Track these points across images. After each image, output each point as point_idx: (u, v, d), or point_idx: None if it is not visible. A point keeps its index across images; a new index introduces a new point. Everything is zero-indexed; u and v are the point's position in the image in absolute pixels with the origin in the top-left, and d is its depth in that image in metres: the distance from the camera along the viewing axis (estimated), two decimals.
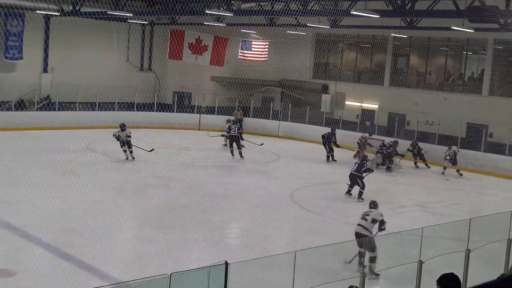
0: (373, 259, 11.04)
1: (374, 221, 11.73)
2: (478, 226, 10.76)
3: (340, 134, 26.43)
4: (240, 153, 23.59)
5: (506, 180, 23.39)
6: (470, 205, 18.46)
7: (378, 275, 10.90)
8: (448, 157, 23.59)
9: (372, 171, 19.00)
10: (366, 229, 11.62)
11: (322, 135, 25.42)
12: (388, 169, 23.74)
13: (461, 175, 23.55)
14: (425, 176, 23.46)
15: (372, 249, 11.05)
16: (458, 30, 23.49)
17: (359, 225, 11.71)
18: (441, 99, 28.58)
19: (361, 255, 10.99)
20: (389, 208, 17.59)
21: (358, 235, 11.53)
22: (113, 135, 21.95)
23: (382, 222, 11.81)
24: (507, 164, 24.21)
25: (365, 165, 18.50)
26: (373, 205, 12.26)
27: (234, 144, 23.74)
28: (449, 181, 22.66)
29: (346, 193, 18.56)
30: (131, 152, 21.94)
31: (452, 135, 26.16)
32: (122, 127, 22.02)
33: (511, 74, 28.54)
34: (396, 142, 24.50)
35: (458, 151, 23.93)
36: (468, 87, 29.46)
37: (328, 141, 25.01)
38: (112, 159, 21.86)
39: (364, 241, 11.10)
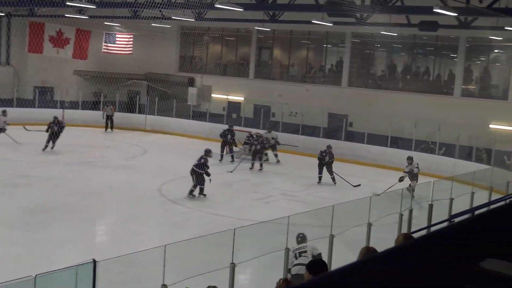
0: None
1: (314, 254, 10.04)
2: (340, 212, 11.26)
3: (209, 126, 26.57)
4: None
5: (365, 167, 24.56)
6: (333, 192, 19.22)
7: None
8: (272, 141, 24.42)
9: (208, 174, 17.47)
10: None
11: (221, 134, 24.62)
12: (261, 159, 22.91)
13: (278, 161, 24.41)
14: (288, 165, 24.11)
15: None
16: (318, 23, 24.33)
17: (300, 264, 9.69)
18: (304, 91, 29.52)
19: None
20: (256, 198, 18.00)
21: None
22: None
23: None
24: (366, 152, 25.43)
25: (204, 160, 17.46)
26: (301, 238, 10.44)
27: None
28: (314, 170, 23.46)
29: (188, 194, 17.26)
30: None
31: (315, 125, 27.13)
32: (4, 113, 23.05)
33: (367, 66, 30.00)
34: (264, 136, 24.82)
35: (277, 136, 24.89)
36: (329, 79, 30.64)
37: (226, 140, 24.21)
38: None
39: None
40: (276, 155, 24.63)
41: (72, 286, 8.11)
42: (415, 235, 6.71)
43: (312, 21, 24.27)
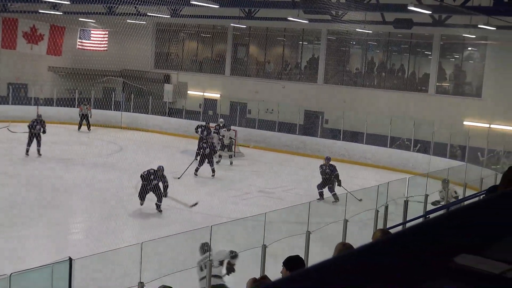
0: None
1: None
2: (317, 208, 11.33)
3: (186, 123, 26.44)
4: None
5: (341, 164, 24.67)
6: (309, 189, 19.30)
7: None
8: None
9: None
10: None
11: (197, 129, 23.73)
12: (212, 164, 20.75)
13: (231, 163, 23.22)
14: (265, 162, 24.16)
15: None
16: (294, 20, 24.39)
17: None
18: (280, 88, 29.57)
19: None
20: (232, 195, 18.01)
21: None
22: None
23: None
24: (341, 148, 25.58)
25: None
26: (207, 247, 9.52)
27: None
28: (291, 167, 23.51)
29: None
30: None
31: (291, 122, 27.21)
32: None
33: (342, 63, 30.15)
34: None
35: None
36: (305, 76, 30.74)
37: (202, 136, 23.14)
38: None
39: None
40: (230, 156, 23.40)
41: (48, 285, 8.06)
42: (391, 231, 6.78)
43: (288, 18, 24.32)
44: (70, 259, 7.79)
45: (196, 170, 20.26)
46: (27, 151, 21.42)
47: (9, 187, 17.05)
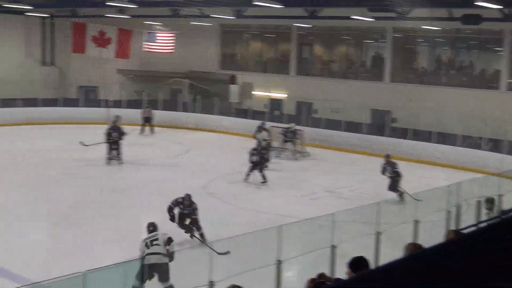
0: None
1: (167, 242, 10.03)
2: (386, 209, 11.17)
3: (251, 124, 26.52)
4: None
5: (410, 163, 24.30)
6: (376, 188, 19.06)
7: None
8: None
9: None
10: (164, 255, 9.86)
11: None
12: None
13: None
14: (332, 161, 24.02)
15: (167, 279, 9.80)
16: (359, 19, 24.14)
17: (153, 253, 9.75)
18: (346, 87, 29.32)
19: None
20: (300, 195, 17.97)
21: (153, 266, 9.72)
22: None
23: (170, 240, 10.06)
24: (409, 148, 25.15)
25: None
26: (153, 227, 10.45)
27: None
28: (358, 167, 23.30)
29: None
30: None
31: (358, 121, 26.94)
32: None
33: (409, 61, 29.65)
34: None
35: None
36: (371, 75, 30.37)
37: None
38: (17, 157, 21.15)
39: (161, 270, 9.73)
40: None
41: (121, 282, 8.24)
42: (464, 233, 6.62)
43: (352, 17, 24.08)
44: (142, 258, 7.93)
45: (247, 175, 19.14)
46: (108, 159, 20.80)
47: (82, 187, 17.51)
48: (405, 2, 20.44)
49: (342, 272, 9.02)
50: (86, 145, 20.70)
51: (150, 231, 10.28)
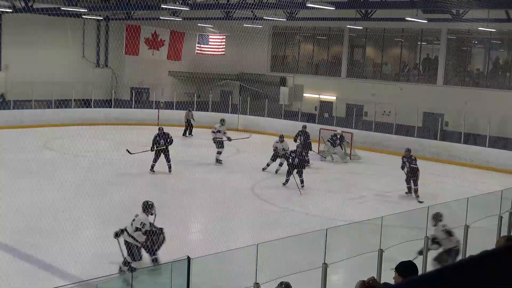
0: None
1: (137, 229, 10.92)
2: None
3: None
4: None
5: (461, 168, 23.85)
6: (427, 193, 18.75)
7: None
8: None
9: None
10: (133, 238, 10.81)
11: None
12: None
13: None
14: (382, 165, 23.74)
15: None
16: (412, 20, 23.81)
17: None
18: (397, 89, 28.97)
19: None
20: (348, 198, 17.83)
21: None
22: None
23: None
24: (462, 152, 24.68)
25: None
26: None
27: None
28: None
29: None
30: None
31: (409, 125, 26.57)
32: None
33: (464, 63, 29.09)
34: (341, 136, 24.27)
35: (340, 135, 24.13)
36: (423, 77, 29.93)
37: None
38: (70, 157, 21.59)
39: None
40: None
41: (167, 282, 8.29)
42: None
43: (406, 18, 23.76)
44: (189, 258, 7.97)
45: (286, 181, 18.92)
46: (152, 167, 20.10)
47: (131, 187, 17.73)
48: (461, 3, 20.06)
49: (388, 277, 8.90)
50: (132, 153, 20.26)
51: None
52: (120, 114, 30.86)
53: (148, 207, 11.36)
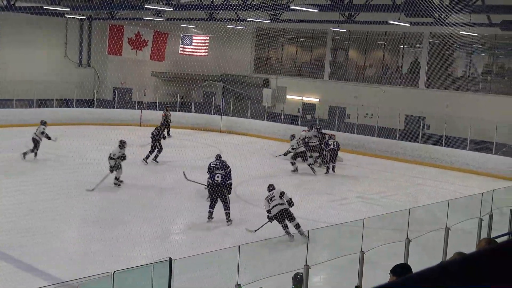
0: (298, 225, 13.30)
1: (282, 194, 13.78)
2: (417, 216, 11.04)
3: (284, 128, 26.53)
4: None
5: (442, 171, 24.02)
6: (409, 195, 18.89)
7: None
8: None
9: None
10: (285, 204, 13.55)
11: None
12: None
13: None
14: (364, 167, 23.85)
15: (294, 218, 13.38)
16: (395, 24, 23.94)
17: (279, 204, 13.57)
18: (380, 92, 29.12)
19: (285, 227, 13.29)
20: (330, 200, 17.89)
21: (282, 212, 13.47)
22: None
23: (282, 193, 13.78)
24: (443, 155, 24.87)
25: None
26: (272, 187, 14.12)
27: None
28: (390, 173, 23.11)
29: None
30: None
31: (391, 127, 26.72)
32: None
33: (445, 67, 29.31)
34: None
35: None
36: (406, 80, 30.11)
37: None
38: (52, 157, 21.44)
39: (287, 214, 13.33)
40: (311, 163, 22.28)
41: (149, 283, 8.26)
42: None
43: (389, 22, 23.89)
44: (170, 259, 7.95)
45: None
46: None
47: (113, 189, 17.67)
48: (443, 7, 20.20)
49: (370, 279, 8.95)
50: (188, 180, 18.52)
51: (269, 190, 13.99)
52: (102, 114, 30.72)
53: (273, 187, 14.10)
